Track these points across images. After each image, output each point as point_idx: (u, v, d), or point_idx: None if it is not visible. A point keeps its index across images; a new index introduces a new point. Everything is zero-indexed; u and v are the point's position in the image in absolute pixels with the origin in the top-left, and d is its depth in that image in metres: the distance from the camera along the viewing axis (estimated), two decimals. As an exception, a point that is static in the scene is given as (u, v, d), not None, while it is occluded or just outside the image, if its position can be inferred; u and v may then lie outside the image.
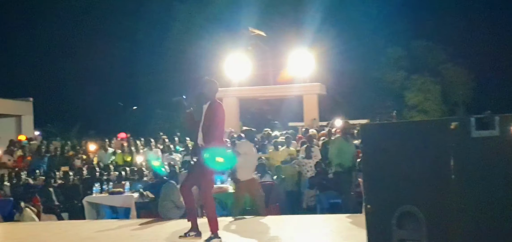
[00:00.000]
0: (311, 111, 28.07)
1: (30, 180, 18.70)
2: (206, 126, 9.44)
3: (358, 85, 41.32)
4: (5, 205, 16.58)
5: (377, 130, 5.82)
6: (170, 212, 14.18)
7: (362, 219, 6.00)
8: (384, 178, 5.30)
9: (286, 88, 29.58)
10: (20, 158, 21.68)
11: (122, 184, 16.73)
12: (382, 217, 5.27)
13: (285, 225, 12.09)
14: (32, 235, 12.56)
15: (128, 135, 25.99)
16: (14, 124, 34.06)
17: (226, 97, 28.98)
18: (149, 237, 11.49)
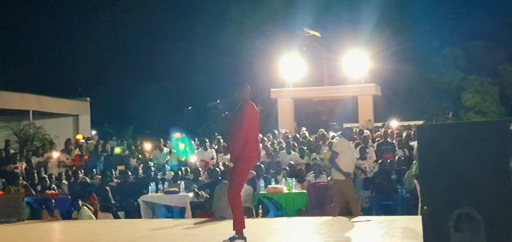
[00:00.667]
0: (366, 112, 27.87)
1: (87, 179, 18.98)
2: (235, 126, 9.52)
3: (414, 86, 40.87)
4: (63, 203, 16.88)
5: (433, 131, 5.76)
6: (224, 211, 14.22)
7: (418, 221, 5.93)
8: (441, 180, 5.24)
9: (341, 89, 29.43)
10: (77, 157, 22.01)
11: (177, 183, 16.85)
12: (439, 219, 5.21)
13: (340, 226, 12.02)
14: (89, 233, 12.73)
15: (182, 134, 26.16)
16: (71, 123, 34.62)
17: (281, 98, 29.00)
18: (204, 236, 11.55)
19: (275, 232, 11.51)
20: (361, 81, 28.39)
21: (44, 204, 16.75)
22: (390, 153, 18.82)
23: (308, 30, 30.38)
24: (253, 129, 9.59)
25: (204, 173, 18.52)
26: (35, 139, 25.71)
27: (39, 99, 32.65)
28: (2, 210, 15.36)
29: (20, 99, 31.45)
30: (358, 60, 28.45)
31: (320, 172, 17.10)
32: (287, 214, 14.78)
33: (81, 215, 16.04)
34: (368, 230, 11.56)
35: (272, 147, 21.10)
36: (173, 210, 16.33)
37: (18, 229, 13.98)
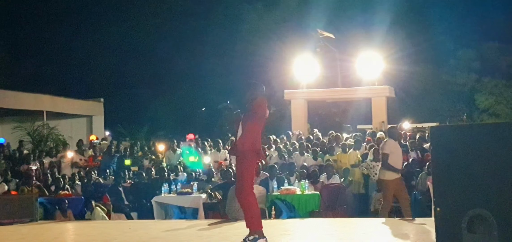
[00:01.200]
0: (380, 114, 27.77)
1: (100, 180, 19.03)
2: (247, 121, 9.33)
3: (427, 88, 40.72)
4: (76, 203, 16.94)
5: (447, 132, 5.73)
6: (237, 213, 14.22)
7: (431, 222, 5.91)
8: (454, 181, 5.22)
9: (354, 91, 29.35)
10: (91, 158, 22.08)
11: (190, 184, 16.87)
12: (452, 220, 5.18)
13: (353, 228, 12.00)
14: (102, 234, 12.76)
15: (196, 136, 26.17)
16: (85, 124, 34.77)
17: (294, 99, 28.95)
18: (217, 237, 11.55)
19: (288, 234, 11.50)
20: (374, 83, 28.29)
21: (58, 204, 16.82)
22: (404, 154, 18.74)
23: (322, 32, 30.29)
24: (263, 124, 9.44)
25: (217, 174, 18.53)
26: (48, 140, 25.84)
27: (53, 100, 32.81)
28: (15, 210, 15.42)
29: (34, 100, 31.62)
30: (372, 62, 28.34)
31: (333, 173, 17.09)
32: (300, 215, 14.76)
33: (94, 216, 16.10)
34: (381, 232, 11.53)
35: (286, 149, 21.08)
36: (186, 211, 16.36)
37: (32, 229, 14.04)
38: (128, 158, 20.92)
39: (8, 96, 30.68)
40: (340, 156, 19.27)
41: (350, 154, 19.17)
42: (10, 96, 30.80)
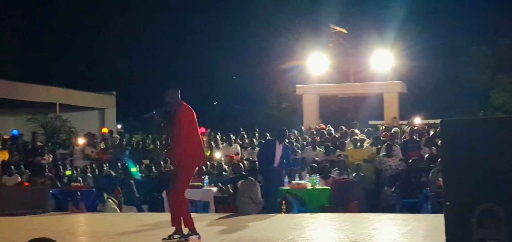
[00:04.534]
0: (392, 109, 27.73)
1: (111, 172, 19.08)
2: (174, 130, 9.66)
3: (440, 84, 40.58)
4: (88, 196, 16.99)
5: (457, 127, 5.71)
6: (247, 207, 14.26)
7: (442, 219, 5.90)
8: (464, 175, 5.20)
9: (366, 86, 29.30)
10: (102, 150, 22.15)
11: (201, 178, 16.88)
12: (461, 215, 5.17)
13: (364, 223, 11.99)
14: (113, 225, 12.81)
15: (208, 129, 26.20)
16: (97, 116, 34.89)
17: (306, 94, 28.94)
18: (227, 231, 11.57)
19: (298, 228, 11.50)
20: (386, 78, 28.25)
21: (70, 196, 16.89)
22: (416, 150, 18.71)
23: (334, 27, 30.26)
24: (193, 129, 9.71)
25: (229, 168, 18.54)
26: (61, 132, 25.92)
27: (66, 92, 32.95)
28: (28, 201, 15.51)
29: (47, 92, 31.76)
30: (384, 57, 28.30)
31: (344, 169, 17.07)
32: (311, 210, 14.75)
33: (106, 208, 16.16)
34: (392, 227, 11.53)
35: (298, 143, 21.08)
36: (197, 205, 16.37)
37: (44, 221, 14.11)
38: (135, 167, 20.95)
39: (22, 88, 30.83)
40: (352, 151, 19.24)
41: (364, 149, 19.13)
42: (24, 88, 30.95)
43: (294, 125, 26.40)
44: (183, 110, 9.65)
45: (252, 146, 21.35)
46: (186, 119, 9.60)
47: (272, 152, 15.51)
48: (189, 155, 9.61)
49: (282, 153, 15.57)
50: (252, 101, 43.68)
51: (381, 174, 17.79)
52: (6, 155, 21.21)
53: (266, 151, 15.97)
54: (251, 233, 10.96)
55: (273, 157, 15.40)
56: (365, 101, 32.91)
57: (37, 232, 12.25)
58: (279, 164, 15.53)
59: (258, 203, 14.35)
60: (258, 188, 14.65)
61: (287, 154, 16.06)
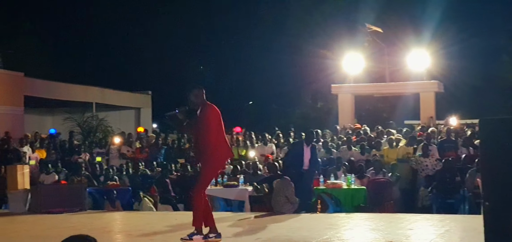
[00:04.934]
0: (428, 109, 27.50)
1: (147, 171, 19.18)
2: (200, 131, 9.61)
3: (478, 83, 40.11)
4: (124, 194, 17.10)
5: (497, 126, 5.63)
6: (283, 207, 14.23)
7: (479, 220, 5.83)
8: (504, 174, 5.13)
9: (402, 86, 29.11)
10: (138, 149, 22.28)
11: (236, 177, 16.90)
12: (501, 215, 5.10)
13: (400, 223, 11.90)
14: (149, 224, 12.87)
15: (243, 129, 26.23)
16: (133, 116, 35.13)
17: (341, 93, 28.84)
18: (262, 230, 11.56)
19: (334, 228, 11.45)
20: (423, 77, 28.03)
21: (106, 194, 17.01)
22: (453, 150, 18.55)
23: (370, 26, 30.12)
24: (219, 129, 9.67)
25: (264, 167, 18.54)
26: (97, 131, 26.12)
27: (102, 91, 33.23)
28: (65, 199, 15.64)
29: (84, 92, 32.06)
30: (420, 57, 28.10)
31: (380, 168, 16.98)
32: (346, 210, 14.69)
33: (142, 206, 16.24)
34: (428, 228, 11.43)
35: (333, 143, 21.02)
36: (232, 204, 16.40)
37: (81, 219, 14.23)
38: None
39: (59, 88, 31.17)
40: (387, 151, 19.14)
41: (399, 149, 19.01)
42: (61, 88, 31.28)
43: (329, 125, 26.32)
44: (208, 110, 9.62)
45: (287, 145, 21.36)
46: (212, 119, 9.58)
47: (300, 154, 15.43)
48: (214, 154, 9.57)
49: (311, 155, 15.49)
50: (287, 101, 43.67)
51: (417, 174, 17.66)
52: (43, 154, 21.46)
53: (294, 154, 15.87)
54: (286, 232, 10.94)
55: (302, 160, 15.32)
56: (401, 101, 32.69)
57: (75, 230, 12.33)
58: (308, 166, 15.45)
59: (294, 202, 14.32)
60: (293, 187, 14.63)
61: (316, 156, 15.96)
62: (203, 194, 9.75)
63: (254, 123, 34.20)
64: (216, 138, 9.57)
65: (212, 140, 9.53)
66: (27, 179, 16.54)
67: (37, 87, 29.74)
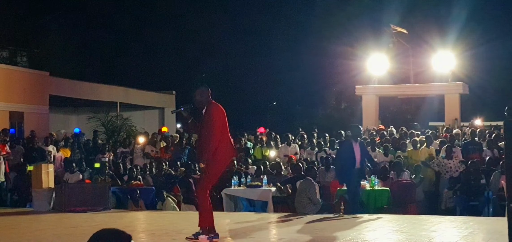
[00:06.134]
0: (453, 111, 27.34)
1: (171, 171, 19.22)
2: (205, 130, 9.59)
3: (504, 85, 39.83)
4: (148, 194, 17.15)
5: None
6: (306, 207, 14.20)
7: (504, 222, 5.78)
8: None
9: (427, 87, 28.96)
10: (163, 149, 22.33)
11: (260, 177, 16.90)
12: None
13: (423, 225, 11.83)
14: (172, 224, 12.91)
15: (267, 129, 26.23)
16: (157, 115, 35.29)
17: (365, 94, 28.74)
18: (285, 231, 11.55)
19: (357, 229, 11.42)
20: (448, 79, 27.86)
21: (129, 194, 17.07)
22: (478, 153, 18.40)
23: (395, 27, 29.99)
24: (223, 129, 9.63)
25: (287, 167, 18.53)
26: (122, 130, 26.27)
27: (126, 91, 33.43)
28: (89, 198, 15.72)
29: (108, 91, 32.27)
30: (445, 58, 27.94)
31: (402, 170, 16.88)
32: (370, 211, 14.62)
33: (165, 206, 16.29)
34: (452, 230, 11.35)
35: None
36: (255, 204, 16.39)
37: (105, 218, 14.30)
38: None
39: (84, 87, 31.41)
40: (411, 153, 19.05)
41: (421, 150, 18.91)
42: (86, 87, 31.52)
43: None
44: (214, 109, 9.59)
45: (311, 146, 21.32)
46: (217, 118, 9.54)
47: (351, 153, 14.67)
48: (218, 154, 9.55)
49: (361, 151, 14.69)
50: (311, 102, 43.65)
51: (440, 176, 17.56)
52: (68, 153, 21.59)
53: (345, 154, 15.04)
54: (309, 233, 10.92)
55: (354, 158, 14.72)
56: (425, 103, 32.53)
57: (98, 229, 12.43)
58: (360, 163, 14.80)
59: (316, 203, 14.28)
60: (317, 188, 14.58)
61: (366, 151, 15.37)
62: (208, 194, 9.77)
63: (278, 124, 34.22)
64: (219, 137, 9.53)
65: (216, 139, 9.49)
66: (51, 178, 16.65)
67: (62, 87, 30.00)
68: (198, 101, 9.72)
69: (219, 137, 9.52)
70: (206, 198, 9.70)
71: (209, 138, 9.55)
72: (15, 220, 14.56)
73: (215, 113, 9.57)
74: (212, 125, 9.51)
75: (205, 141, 9.65)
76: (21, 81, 27.83)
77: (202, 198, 9.71)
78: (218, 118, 9.57)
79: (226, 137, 9.70)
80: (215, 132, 9.50)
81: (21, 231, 12.59)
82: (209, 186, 9.92)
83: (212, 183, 10.04)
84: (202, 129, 9.70)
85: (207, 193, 9.76)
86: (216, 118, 9.54)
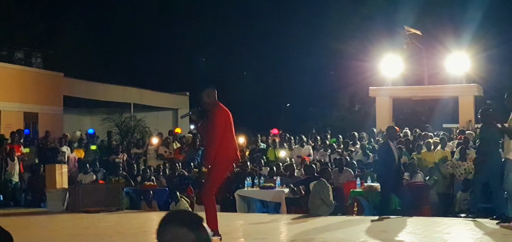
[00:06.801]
0: (467, 113, 27.21)
1: (185, 172, 19.25)
2: (208, 131, 9.60)
3: (518, 87, 39.56)
4: (161, 194, 17.21)
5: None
6: (319, 209, 14.19)
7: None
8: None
9: (441, 89, 28.85)
10: (177, 150, 22.37)
11: (273, 179, 16.90)
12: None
13: (437, 227, 11.79)
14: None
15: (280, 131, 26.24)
16: (171, 117, 35.36)
17: (379, 96, 28.67)
18: (298, 232, 11.55)
19: (369, 230, 11.40)
20: (462, 81, 27.75)
21: (143, 194, 17.12)
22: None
23: (409, 28, 29.90)
24: (227, 130, 9.58)
25: (300, 169, 18.51)
26: (135, 131, 26.35)
27: (140, 92, 33.54)
28: (102, 199, 15.79)
29: (122, 92, 32.38)
30: (460, 60, 27.82)
31: (415, 172, 16.83)
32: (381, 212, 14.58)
33: (179, 207, 16.31)
34: (466, 232, 11.30)
35: (370, 145, 20.91)
36: (268, 205, 16.39)
37: (118, 218, 14.35)
38: None
39: (98, 88, 31.53)
40: (425, 154, 18.99)
41: (436, 152, 18.85)
42: (100, 88, 31.64)
43: (366, 128, 26.20)
44: (218, 110, 9.55)
45: (324, 147, 21.31)
46: (221, 120, 9.51)
47: (391, 153, 14.56)
48: (222, 156, 9.51)
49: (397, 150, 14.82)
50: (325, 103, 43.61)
51: (454, 178, 17.48)
52: (82, 153, 21.68)
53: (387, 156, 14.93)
54: (322, 235, 10.92)
55: (394, 159, 14.62)
56: (439, 104, 32.41)
57: (112, 229, 12.48)
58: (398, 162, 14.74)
59: (330, 205, 14.27)
60: (330, 189, 14.57)
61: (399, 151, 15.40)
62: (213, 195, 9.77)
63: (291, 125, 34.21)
64: (222, 139, 9.48)
65: (217, 141, 9.46)
66: (65, 178, 16.75)
67: (76, 88, 30.13)
68: (206, 102, 9.69)
69: (220, 140, 9.48)
70: (213, 201, 9.71)
71: (210, 141, 9.56)
72: (29, 220, 14.65)
73: (218, 115, 9.54)
74: (214, 127, 9.50)
75: (208, 143, 9.69)
76: (35, 82, 27.97)
77: (208, 200, 9.68)
78: (221, 120, 9.54)
79: (229, 140, 9.63)
80: (216, 134, 9.47)
81: (35, 231, 12.67)
82: (215, 189, 9.88)
83: (216, 186, 9.98)
84: (207, 130, 9.71)
85: (213, 196, 9.76)
86: (219, 121, 9.52)
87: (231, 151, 9.69)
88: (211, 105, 9.60)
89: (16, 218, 14.59)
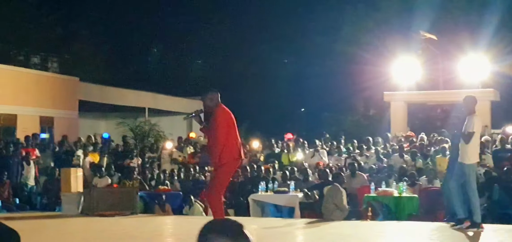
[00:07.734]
0: (483, 118, 26.91)
1: (199, 176, 19.27)
2: (211, 133, 9.68)
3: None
4: (175, 198, 17.23)
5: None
6: (333, 213, 14.15)
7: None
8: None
9: (456, 94, 28.68)
10: (191, 155, 22.38)
11: (287, 183, 16.87)
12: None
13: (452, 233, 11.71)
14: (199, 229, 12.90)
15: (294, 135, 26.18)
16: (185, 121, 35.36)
17: (394, 101, 28.58)
18: (312, 237, 11.52)
19: (383, 235, 11.35)
20: (478, 86, 27.59)
21: (157, 198, 17.15)
22: (508, 160, 18.18)
23: (424, 33, 29.80)
24: (230, 132, 9.60)
25: (314, 173, 18.46)
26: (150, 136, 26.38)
27: (155, 97, 33.61)
28: (117, 202, 15.82)
29: (137, 97, 32.47)
30: (476, 65, 27.67)
31: (434, 177, 16.74)
32: (398, 218, 14.52)
33: (193, 211, 16.33)
34: (482, 238, 11.22)
35: (385, 150, 20.83)
36: (282, 210, 16.36)
37: (132, 222, 14.38)
38: None
39: (113, 93, 31.62)
40: (440, 160, 18.89)
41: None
42: (115, 93, 31.73)
43: (381, 132, 26.08)
44: (221, 112, 9.59)
45: (338, 152, 21.26)
46: (224, 122, 9.55)
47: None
48: (226, 157, 9.52)
49: None
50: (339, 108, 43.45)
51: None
52: (96, 157, 21.74)
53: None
54: (336, 240, 10.88)
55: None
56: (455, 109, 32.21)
57: (126, 233, 12.49)
58: None
59: (343, 210, 14.23)
60: (344, 194, 14.53)
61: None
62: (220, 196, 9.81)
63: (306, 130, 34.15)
64: (224, 141, 9.51)
65: (221, 142, 9.48)
66: (80, 182, 16.81)
67: (92, 92, 30.25)
68: (208, 106, 9.74)
69: (224, 141, 9.50)
70: (220, 203, 9.75)
71: (214, 142, 9.59)
72: (45, 223, 14.71)
73: (220, 116, 9.58)
74: (217, 129, 9.54)
75: (211, 145, 9.73)
76: (51, 86, 28.10)
77: (215, 203, 9.71)
78: (223, 121, 9.58)
79: (232, 140, 9.65)
80: (219, 135, 9.51)
81: (50, 234, 12.71)
82: (222, 191, 9.92)
83: (223, 186, 10.00)
84: (210, 132, 9.75)
85: (221, 197, 9.79)
86: (221, 122, 9.55)
87: (235, 150, 9.70)
88: (214, 108, 9.66)
89: (31, 221, 14.66)
